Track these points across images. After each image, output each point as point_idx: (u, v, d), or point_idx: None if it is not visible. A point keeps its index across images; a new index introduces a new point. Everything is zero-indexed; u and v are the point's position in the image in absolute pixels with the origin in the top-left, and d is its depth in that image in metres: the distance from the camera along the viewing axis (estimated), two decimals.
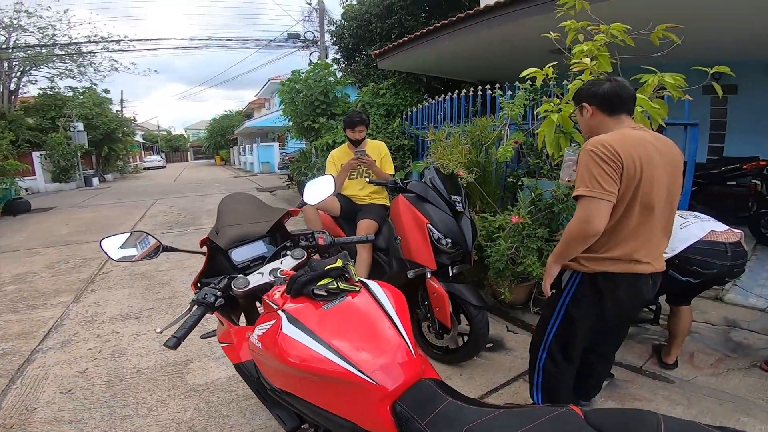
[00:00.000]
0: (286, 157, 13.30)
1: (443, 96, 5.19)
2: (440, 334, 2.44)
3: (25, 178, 12.66)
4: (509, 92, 3.91)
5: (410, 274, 2.39)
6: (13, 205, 9.11)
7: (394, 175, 3.07)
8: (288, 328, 1.03)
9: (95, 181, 16.87)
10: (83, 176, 15.96)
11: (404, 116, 6.35)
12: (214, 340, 1.61)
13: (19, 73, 16.01)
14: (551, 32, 2.51)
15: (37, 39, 15.76)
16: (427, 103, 5.70)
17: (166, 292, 3.83)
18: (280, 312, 1.10)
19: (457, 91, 4.87)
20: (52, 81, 16.84)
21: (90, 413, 2.16)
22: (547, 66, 2.48)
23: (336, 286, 1.13)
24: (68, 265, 4.88)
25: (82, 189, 14.99)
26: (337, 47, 10.12)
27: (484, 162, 3.59)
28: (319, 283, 1.12)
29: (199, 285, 1.42)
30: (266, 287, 1.28)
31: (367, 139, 3.11)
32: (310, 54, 13.29)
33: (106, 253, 1.37)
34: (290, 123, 7.44)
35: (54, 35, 16.10)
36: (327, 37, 12.46)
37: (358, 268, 2.75)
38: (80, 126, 15.48)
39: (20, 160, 11.08)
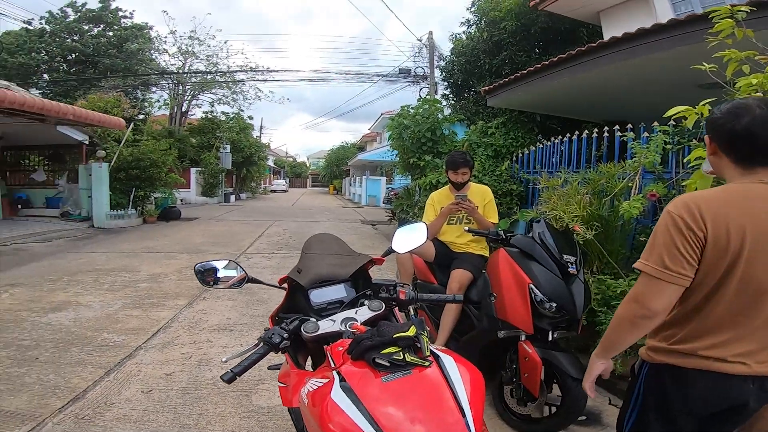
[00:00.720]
0: (392, 193, 13.71)
1: (560, 137, 4.74)
2: (523, 401, 2.19)
3: (181, 190, 15.39)
4: (645, 134, 3.35)
5: (501, 334, 2.17)
6: (167, 213, 11.08)
7: (497, 225, 2.85)
8: (337, 394, 0.95)
9: (232, 198, 19.73)
10: (224, 193, 18.80)
11: (514, 158, 5.98)
12: None
13: (189, 97, 19.66)
14: (704, 63, 2.06)
15: (204, 66, 19.21)
16: (540, 145, 5.28)
17: (261, 310, 4.05)
18: (334, 373, 1.03)
19: (576, 133, 4.39)
20: (212, 106, 20.30)
21: (156, 416, 2.28)
22: (702, 103, 1.99)
23: (402, 357, 1.01)
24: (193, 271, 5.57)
25: (222, 204, 17.63)
26: (446, 83, 10.04)
27: (609, 216, 3.09)
28: (383, 351, 1.02)
29: (276, 318, 1.44)
30: (335, 336, 1.23)
31: (471, 182, 2.96)
32: (420, 89, 13.62)
33: (199, 278, 1.46)
34: (397, 158, 7.62)
35: (216, 63, 19.42)
36: (437, 72, 12.60)
37: (444, 318, 2.56)
38: (228, 148, 18.30)
39: (181, 174, 13.52)
